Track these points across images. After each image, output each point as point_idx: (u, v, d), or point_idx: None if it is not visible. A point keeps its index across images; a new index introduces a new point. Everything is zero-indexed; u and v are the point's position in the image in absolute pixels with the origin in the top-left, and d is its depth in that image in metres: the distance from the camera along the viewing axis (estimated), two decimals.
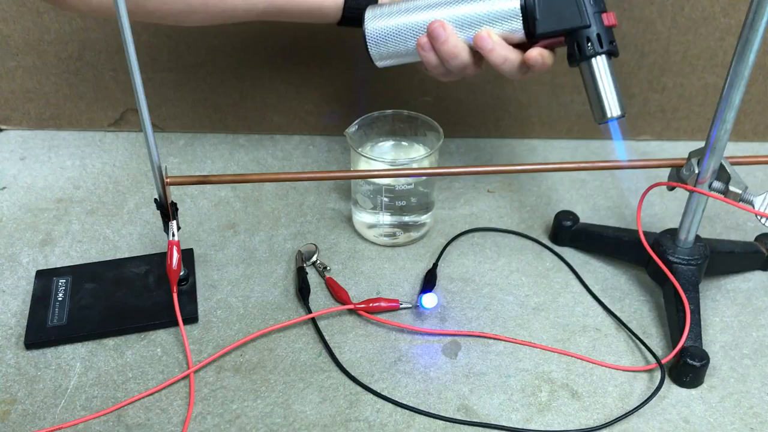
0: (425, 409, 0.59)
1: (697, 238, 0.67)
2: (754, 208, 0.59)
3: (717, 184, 0.62)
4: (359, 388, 0.61)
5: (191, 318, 0.66)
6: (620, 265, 0.74)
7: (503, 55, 0.62)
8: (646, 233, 0.67)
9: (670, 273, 0.65)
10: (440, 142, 0.71)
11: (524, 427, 0.58)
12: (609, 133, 0.93)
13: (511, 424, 0.58)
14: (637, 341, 0.66)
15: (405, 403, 0.60)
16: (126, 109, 0.91)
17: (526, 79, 0.65)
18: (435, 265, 0.72)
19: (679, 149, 0.90)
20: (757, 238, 0.74)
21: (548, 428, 0.58)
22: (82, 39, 0.85)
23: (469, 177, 0.86)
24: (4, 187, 0.83)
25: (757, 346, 0.66)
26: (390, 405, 0.60)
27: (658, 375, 0.62)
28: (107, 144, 0.91)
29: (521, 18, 0.61)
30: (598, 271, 0.73)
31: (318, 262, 0.73)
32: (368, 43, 0.65)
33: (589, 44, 0.60)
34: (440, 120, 0.74)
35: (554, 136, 0.94)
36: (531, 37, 0.62)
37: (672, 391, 0.61)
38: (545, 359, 0.64)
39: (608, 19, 0.60)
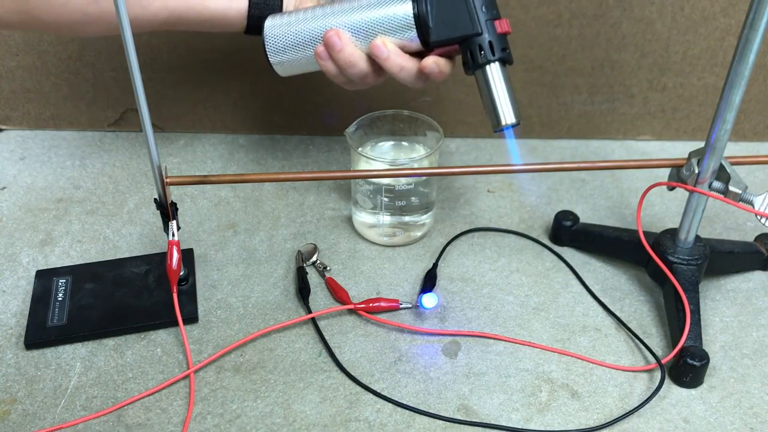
0: (425, 409, 0.59)
1: (697, 238, 0.67)
2: (754, 208, 0.59)
3: (717, 184, 0.62)
4: (359, 388, 0.61)
5: (191, 318, 0.66)
6: (620, 265, 0.74)
7: (399, 63, 0.62)
8: (646, 233, 0.67)
9: (670, 273, 0.65)
10: (440, 142, 0.71)
11: (524, 427, 0.58)
12: (605, 133, 0.93)
13: (511, 424, 0.58)
14: (637, 341, 0.66)
15: (405, 403, 0.60)
16: (126, 109, 0.91)
17: (426, 86, 0.65)
18: (435, 265, 0.72)
19: (679, 149, 0.91)
20: (757, 238, 0.74)
21: (548, 428, 0.58)
22: (82, 39, 0.85)
23: (469, 177, 0.86)
24: (4, 187, 0.83)
25: (757, 346, 0.66)
26: (390, 405, 0.60)
27: (658, 375, 0.62)
28: (107, 144, 0.91)
29: (415, 26, 0.61)
30: (598, 271, 0.73)
31: (318, 262, 0.73)
32: (268, 52, 0.65)
33: (482, 52, 0.60)
34: (440, 120, 0.74)
35: (554, 136, 0.94)
36: (427, 46, 0.62)
37: (672, 391, 0.61)
38: (545, 359, 0.64)
39: (501, 26, 0.60)
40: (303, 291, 0.69)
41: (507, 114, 0.61)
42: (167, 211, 0.62)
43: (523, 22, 0.84)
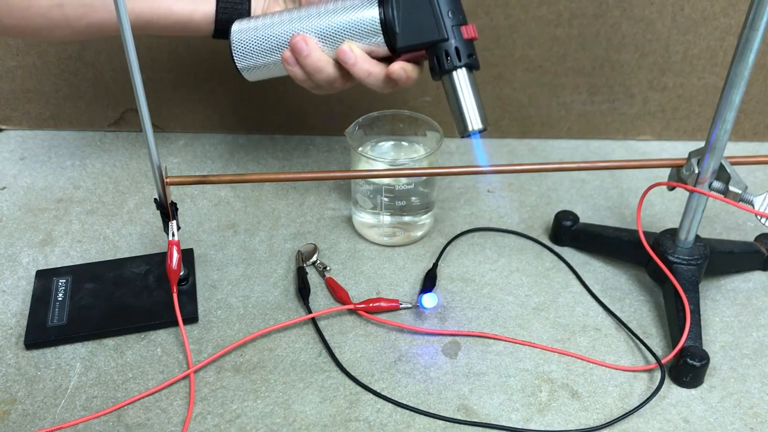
0: (425, 409, 0.59)
1: (697, 238, 0.67)
2: (754, 208, 0.59)
3: (717, 184, 0.62)
4: (359, 388, 0.61)
5: (191, 318, 0.66)
6: (620, 265, 0.74)
7: (366, 69, 0.61)
8: (646, 233, 0.67)
9: (670, 273, 0.65)
10: (440, 142, 0.71)
11: (524, 427, 0.58)
12: (605, 133, 0.93)
13: (511, 424, 0.58)
14: (637, 341, 0.66)
15: (405, 403, 0.60)
16: (126, 109, 0.91)
17: (394, 91, 0.65)
18: (435, 265, 0.72)
19: (679, 149, 0.91)
20: (757, 238, 0.74)
21: (548, 428, 0.58)
22: (83, 39, 0.85)
23: (469, 177, 0.85)
24: (4, 187, 0.83)
25: (757, 346, 0.66)
26: (390, 405, 0.60)
27: (658, 375, 0.62)
28: (107, 144, 0.91)
29: (382, 32, 0.61)
30: (598, 271, 0.73)
31: (318, 262, 0.73)
32: (234, 57, 0.64)
33: (448, 58, 0.60)
34: (440, 120, 0.74)
35: (554, 136, 0.94)
36: (394, 51, 0.62)
37: (672, 391, 0.61)
38: (545, 359, 0.64)
39: (467, 32, 0.60)
40: (303, 291, 0.69)
41: (474, 120, 0.61)
42: (167, 211, 0.62)
43: (523, 22, 0.84)
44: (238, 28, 0.64)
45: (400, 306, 0.67)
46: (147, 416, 0.58)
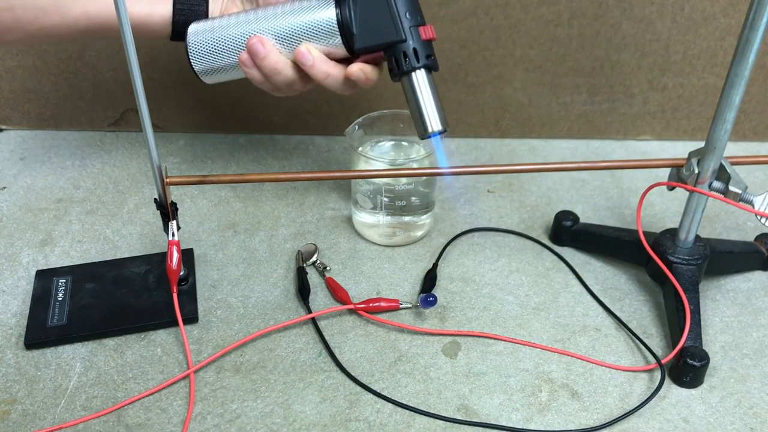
0: (425, 409, 0.59)
1: (697, 238, 0.67)
2: (754, 208, 0.59)
3: (717, 184, 0.62)
4: (359, 388, 0.61)
5: (191, 318, 0.66)
6: (620, 265, 0.74)
7: (325, 70, 0.61)
8: (646, 233, 0.67)
9: (670, 273, 0.65)
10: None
11: (524, 427, 0.58)
12: (605, 133, 0.93)
13: (511, 424, 0.58)
14: (637, 341, 0.66)
15: (405, 403, 0.60)
16: (126, 109, 0.91)
17: (354, 93, 0.64)
18: (435, 265, 0.72)
19: (679, 149, 0.91)
20: (757, 238, 0.74)
21: (548, 428, 0.58)
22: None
23: (469, 177, 0.86)
24: (4, 187, 0.83)
25: (757, 346, 0.66)
26: (390, 405, 0.60)
27: (658, 375, 0.62)
28: (107, 144, 0.91)
29: (339, 33, 0.60)
30: (598, 271, 0.73)
31: (318, 262, 0.73)
32: (191, 59, 0.64)
33: (406, 59, 0.59)
34: None
35: (554, 136, 0.94)
36: (352, 52, 0.61)
37: (672, 391, 0.61)
38: (545, 359, 0.64)
39: (426, 33, 0.60)
40: (303, 291, 0.69)
41: (433, 121, 0.60)
42: (167, 211, 0.62)
43: (523, 22, 0.84)
44: (194, 29, 0.63)
45: (400, 306, 0.67)
46: (147, 416, 0.58)
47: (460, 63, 0.87)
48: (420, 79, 0.60)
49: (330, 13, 0.60)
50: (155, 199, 0.62)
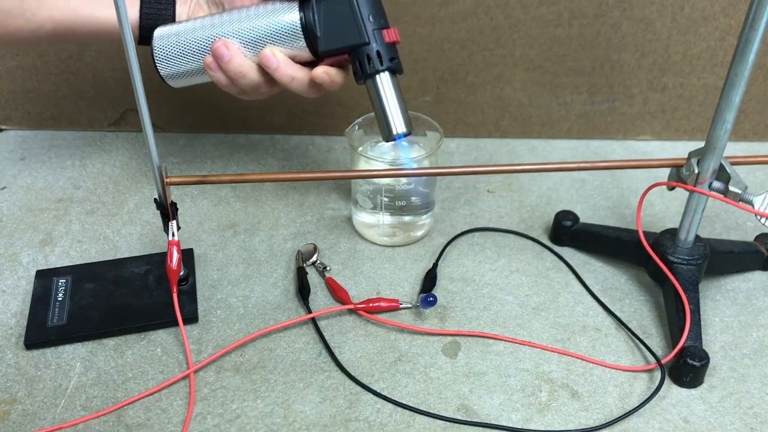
0: (425, 409, 0.59)
1: (697, 238, 0.67)
2: (753, 208, 0.59)
3: (717, 184, 0.62)
4: (359, 388, 0.61)
5: (191, 318, 0.66)
6: (620, 265, 0.74)
7: (289, 73, 0.61)
8: (646, 233, 0.67)
9: (670, 273, 0.65)
10: (440, 142, 0.71)
11: (524, 427, 0.58)
12: (605, 133, 0.93)
13: (511, 424, 0.58)
14: (637, 341, 0.66)
15: (405, 403, 0.60)
16: (126, 109, 0.91)
17: (320, 95, 0.64)
18: (435, 265, 0.72)
19: (679, 149, 0.91)
20: (756, 238, 0.74)
21: (548, 428, 0.58)
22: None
23: (469, 177, 0.86)
24: (4, 187, 0.83)
25: (757, 346, 0.66)
26: (390, 405, 0.60)
27: (658, 375, 0.62)
28: (107, 144, 0.91)
29: (303, 36, 0.60)
30: (598, 271, 0.73)
31: (318, 262, 0.73)
32: (157, 63, 0.64)
33: (370, 62, 0.60)
34: (440, 120, 0.74)
35: (554, 136, 0.94)
36: (317, 55, 0.61)
37: (672, 391, 0.61)
38: (545, 359, 0.64)
39: (389, 36, 0.60)
40: (303, 291, 0.69)
41: (398, 124, 0.61)
42: (167, 211, 0.62)
43: (523, 22, 0.84)
44: (159, 34, 0.64)
45: (400, 306, 0.67)
46: (147, 416, 0.58)
47: (460, 63, 0.87)
48: (384, 81, 0.61)
49: (294, 17, 0.60)
50: (155, 199, 0.62)
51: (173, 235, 0.63)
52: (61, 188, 0.83)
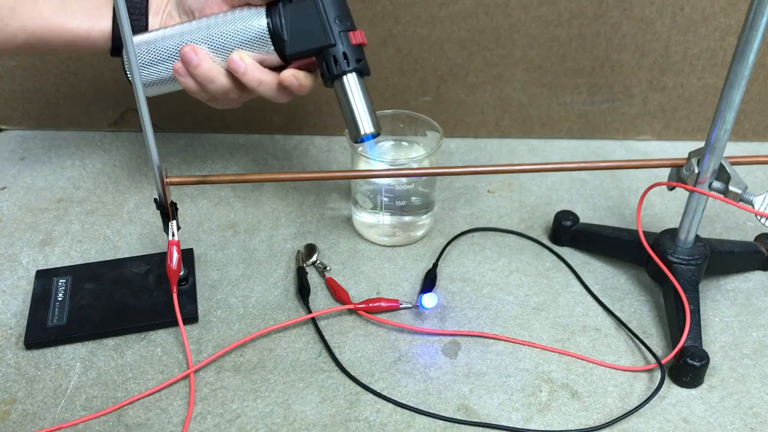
0: (425, 409, 0.59)
1: (697, 238, 0.67)
2: (754, 208, 0.59)
3: (717, 184, 0.62)
4: (359, 388, 0.61)
5: (191, 318, 0.66)
6: (620, 265, 0.74)
7: (257, 77, 0.61)
8: (646, 233, 0.67)
9: (670, 273, 0.65)
10: (440, 142, 0.71)
11: (524, 427, 0.58)
12: (605, 133, 0.93)
13: (511, 424, 0.58)
14: (637, 341, 0.66)
15: (405, 403, 0.60)
16: (126, 109, 0.91)
17: (290, 100, 0.65)
18: (435, 265, 0.72)
19: (679, 149, 0.91)
20: (757, 238, 0.74)
21: (548, 428, 0.58)
22: None
23: (469, 177, 0.86)
24: (4, 187, 0.83)
25: (757, 346, 0.66)
26: (390, 405, 0.60)
27: (658, 375, 0.62)
28: (107, 144, 0.91)
29: (270, 40, 0.61)
30: (598, 271, 0.73)
31: (318, 262, 0.73)
32: (128, 73, 0.64)
33: (336, 63, 0.60)
34: (440, 120, 0.74)
35: (554, 136, 0.94)
36: (285, 59, 0.62)
37: (672, 391, 0.61)
38: (545, 359, 0.64)
39: (355, 37, 0.61)
40: (303, 291, 0.69)
41: (366, 124, 0.61)
42: (167, 211, 0.62)
43: (523, 22, 0.84)
44: None
45: (400, 306, 0.67)
46: (147, 416, 0.58)
47: (460, 63, 0.87)
48: (351, 82, 0.61)
49: (261, 21, 0.61)
50: (155, 199, 0.62)
51: (173, 235, 0.63)
52: (61, 188, 0.83)
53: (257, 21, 0.61)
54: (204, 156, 0.89)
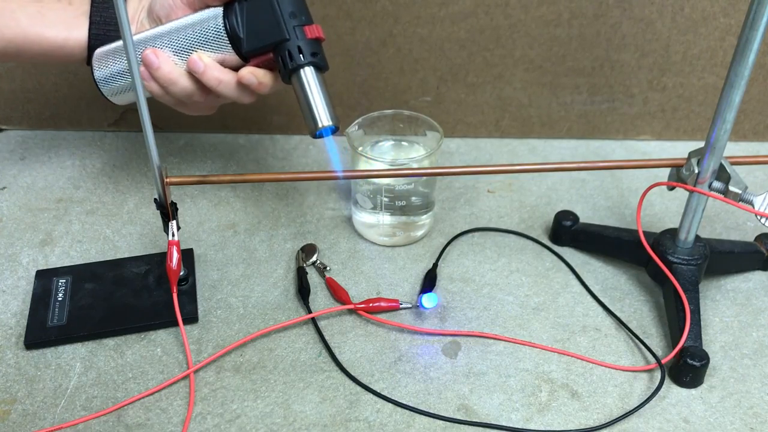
0: (425, 409, 0.59)
1: (697, 238, 0.67)
2: (754, 208, 0.59)
3: (717, 184, 0.62)
4: (359, 388, 0.61)
5: (191, 318, 0.66)
6: (620, 265, 0.74)
7: (216, 77, 0.62)
8: (646, 233, 0.67)
9: (670, 273, 0.65)
10: (440, 142, 0.71)
11: (524, 427, 0.58)
12: (605, 133, 0.93)
13: (511, 424, 0.58)
14: (637, 341, 0.66)
15: (405, 403, 0.60)
16: (126, 109, 0.91)
17: (255, 99, 0.65)
18: (435, 265, 0.72)
19: (679, 149, 0.91)
20: (757, 238, 0.74)
21: (548, 428, 0.58)
22: None
23: (469, 177, 0.86)
24: (4, 187, 0.83)
25: (757, 346, 0.66)
26: (390, 405, 0.60)
27: (658, 375, 0.62)
28: (107, 144, 0.91)
29: (228, 39, 0.61)
30: (598, 271, 0.73)
31: (318, 262, 0.73)
32: (97, 82, 0.65)
33: (291, 58, 0.60)
34: (440, 120, 0.74)
35: (554, 136, 0.94)
36: (244, 58, 0.62)
37: (672, 391, 0.61)
38: (545, 359, 0.64)
39: (311, 31, 0.61)
40: (303, 291, 0.69)
41: (323, 117, 0.61)
42: (167, 211, 0.62)
43: (523, 22, 0.84)
44: (99, 52, 0.65)
45: (400, 306, 0.67)
46: (147, 416, 0.58)
47: (460, 63, 0.87)
48: (308, 76, 0.61)
49: (218, 21, 0.61)
50: (155, 199, 0.62)
51: (173, 235, 0.63)
52: (61, 188, 0.83)
53: (214, 21, 0.61)
54: (204, 156, 0.89)
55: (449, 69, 0.87)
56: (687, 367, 0.61)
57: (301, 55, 0.60)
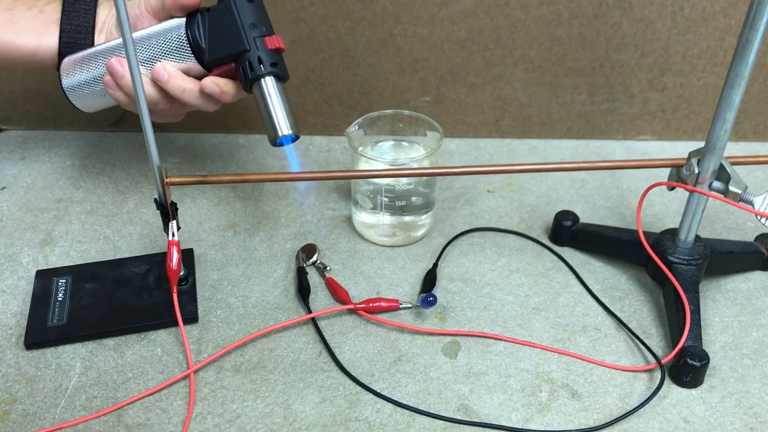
0: (425, 409, 0.59)
1: (697, 238, 0.67)
2: (754, 208, 0.59)
3: (717, 184, 0.62)
4: (359, 388, 0.61)
5: (191, 318, 0.66)
6: (620, 265, 0.74)
7: (180, 85, 0.63)
8: (646, 233, 0.67)
9: (670, 273, 0.65)
10: (440, 142, 0.71)
11: (524, 427, 0.58)
12: (605, 133, 0.93)
13: (511, 424, 0.58)
14: (637, 341, 0.66)
15: (405, 403, 0.60)
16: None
17: (219, 107, 0.66)
18: (435, 265, 0.73)
19: (679, 149, 0.91)
20: (757, 238, 0.74)
21: (548, 428, 0.58)
22: None
23: (469, 177, 0.86)
24: (4, 187, 0.83)
25: (757, 346, 0.66)
26: (390, 405, 0.60)
27: (658, 375, 0.62)
28: (107, 144, 0.91)
29: (190, 48, 0.62)
30: (598, 271, 0.73)
31: (318, 262, 0.73)
32: (64, 89, 0.66)
33: (252, 68, 0.61)
34: (440, 120, 0.74)
35: (554, 136, 0.94)
36: (206, 67, 0.63)
37: (672, 391, 0.61)
38: (545, 359, 0.64)
39: (272, 42, 0.62)
40: (303, 291, 0.69)
41: (283, 125, 0.62)
42: (167, 211, 0.62)
43: (523, 22, 0.84)
44: (67, 61, 0.66)
45: (400, 306, 0.67)
46: (147, 416, 0.58)
47: (460, 63, 0.87)
48: (268, 85, 0.62)
49: (181, 31, 0.63)
50: (155, 199, 0.62)
51: (173, 235, 0.63)
52: (61, 188, 0.83)
53: (177, 31, 0.63)
54: (204, 156, 0.89)
55: (449, 69, 0.87)
56: (687, 367, 0.61)
57: (261, 66, 0.61)
